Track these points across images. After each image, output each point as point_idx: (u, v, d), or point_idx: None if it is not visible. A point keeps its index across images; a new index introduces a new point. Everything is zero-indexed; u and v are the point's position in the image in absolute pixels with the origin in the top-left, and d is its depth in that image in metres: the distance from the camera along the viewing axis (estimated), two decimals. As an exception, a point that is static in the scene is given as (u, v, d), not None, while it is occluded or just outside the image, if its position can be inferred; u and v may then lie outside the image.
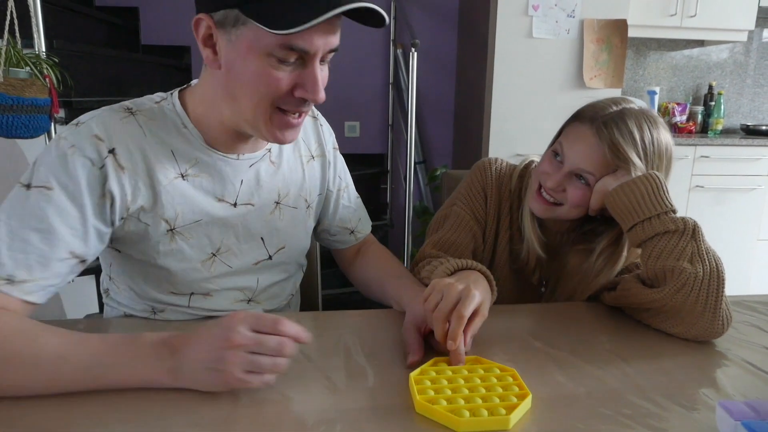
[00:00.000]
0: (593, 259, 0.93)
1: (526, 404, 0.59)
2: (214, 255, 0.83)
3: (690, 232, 0.78)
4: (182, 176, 0.78)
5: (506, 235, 1.03)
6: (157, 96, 0.81)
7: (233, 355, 0.57)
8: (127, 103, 0.78)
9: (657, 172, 0.84)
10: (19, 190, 0.69)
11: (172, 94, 0.81)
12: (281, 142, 0.76)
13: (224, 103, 0.75)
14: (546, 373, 0.67)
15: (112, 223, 0.75)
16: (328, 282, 1.13)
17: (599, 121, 0.87)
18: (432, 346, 0.72)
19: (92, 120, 0.73)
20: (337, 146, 1.02)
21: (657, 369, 0.69)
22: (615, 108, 0.89)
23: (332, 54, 0.72)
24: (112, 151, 0.72)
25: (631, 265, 0.93)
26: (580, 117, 0.91)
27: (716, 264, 0.77)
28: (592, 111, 0.89)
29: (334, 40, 0.70)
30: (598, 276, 0.92)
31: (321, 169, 0.97)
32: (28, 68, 1.45)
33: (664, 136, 0.89)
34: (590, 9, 2.48)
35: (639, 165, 0.85)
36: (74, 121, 0.74)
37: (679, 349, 0.76)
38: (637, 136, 0.86)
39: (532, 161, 1.05)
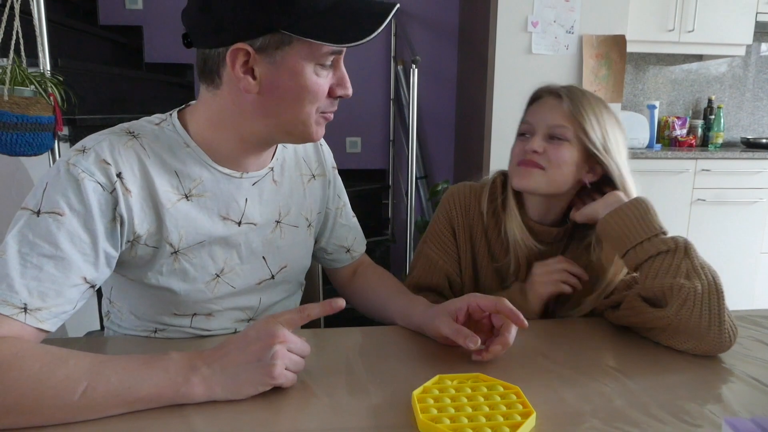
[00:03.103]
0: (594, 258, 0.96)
1: (530, 422, 0.58)
2: (218, 276, 0.83)
3: (682, 250, 0.80)
4: (186, 197, 0.78)
5: (485, 258, 1.04)
6: (156, 118, 0.81)
7: (281, 349, 0.63)
8: (126, 125, 0.78)
9: (644, 198, 0.87)
10: (28, 216, 0.68)
11: (171, 114, 0.81)
12: (316, 139, 0.79)
13: (254, 121, 0.76)
14: (550, 390, 0.67)
15: (120, 247, 0.75)
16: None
17: (555, 90, 0.98)
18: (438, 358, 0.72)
19: (98, 145, 0.73)
20: (335, 166, 1.02)
21: (661, 385, 0.68)
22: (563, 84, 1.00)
23: None
24: (119, 175, 0.72)
25: (631, 280, 0.93)
26: (536, 96, 1.01)
27: (713, 277, 0.78)
28: (546, 88, 1.00)
29: None
30: (606, 275, 0.95)
31: (321, 189, 0.97)
32: (32, 87, 1.46)
33: (608, 111, 0.98)
34: (589, 25, 2.51)
35: (594, 121, 0.93)
36: (79, 146, 0.73)
37: (683, 365, 0.75)
38: (587, 95, 0.97)
39: (500, 173, 1.06)
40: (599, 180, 0.97)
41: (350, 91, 0.77)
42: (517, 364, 0.74)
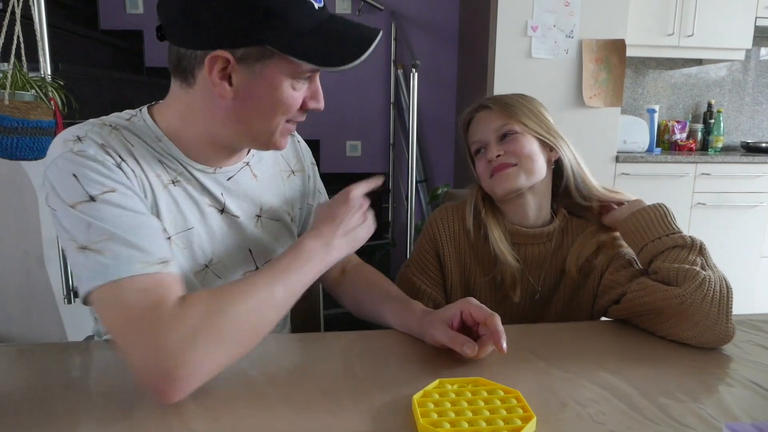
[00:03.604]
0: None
1: (531, 427, 0.58)
2: (206, 267, 0.83)
3: (698, 248, 0.85)
4: (173, 182, 0.79)
5: (477, 273, 1.04)
6: (126, 113, 0.81)
7: (362, 211, 0.83)
8: (99, 120, 0.77)
9: (664, 204, 0.91)
10: (87, 206, 0.65)
11: (140, 110, 0.81)
12: (281, 148, 0.81)
13: (224, 126, 0.76)
14: (551, 394, 0.67)
15: None
16: (330, 302, 1.12)
17: (480, 104, 1.03)
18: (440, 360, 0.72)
19: (89, 133, 0.72)
20: (314, 162, 1.04)
21: (662, 390, 0.68)
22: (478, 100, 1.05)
23: None
24: (120, 157, 0.73)
25: (631, 275, 0.93)
26: (468, 119, 1.05)
27: (724, 277, 0.81)
28: (471, 108, 1.05)
29: None
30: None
31: (301, 184, 0.99)
32: (33, 91, 1.47)
33: (527, 96, 1.05)
34: (588, 29, 2.51)
35: (526, 111, 1.00)
36: (71, 137, 0.71)
37: (684, 369, 0.75)
38: (508, 95, 1.03)
39: (477, 186, 1.06)
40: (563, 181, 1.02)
41: (322, 105, 0.79)
42: (517, 368, 0.74)
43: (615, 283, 0.94)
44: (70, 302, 1.51)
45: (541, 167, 0.98)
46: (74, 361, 0.74)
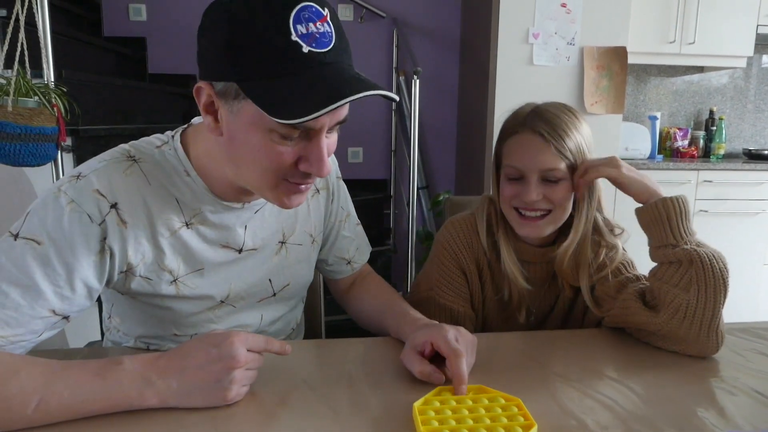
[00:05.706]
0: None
1: (532, 435, 0.58)
2: (222, 302, 0.83)
3: (687, 264, 0.83)
4: (186, 225, 0.77)
5: (490, 290, 1.02)
6: (157, 140, 0.78)
7: (240, 373, 0.63)
8: (127, 147, 0.75)
9: (683, 199, 0.88)
10: (5, 238, 0.66)
11: (173, 137, 0.78)
12: (287, 207, 0.73)
13: (227, 166, 0.72)
14: (552, 402, 0.66)
15: (110, 279, 0.73)
16: (332, 308, 1.12)
17: (534, 126, 0.90)
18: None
19: (93, 174, 0.70)
20: (340, 175, 1.00)
21: (665, 398, 0.68)
22: (531, 108, 0.94)
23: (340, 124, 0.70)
24: (114, 206, 0.70)
25: (620, 285, 0.92)
26: (512, 131, 0.93)
27: (714, 290, 0.79)
28: (522, 121, 0.92)
29: (342, 114, 0.67)
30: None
31: (325, 202, 0.95)
32: (36, 98, 1.47)
33: (580, 122, 0.94)
34: (590, 37, 2.52)
35: (575, 150, 0.90)
36: (75, 173, 0.71)
37: (686, 377, 0.75)
38: (561, 117, 0.91)
39: (489, 200, 1.02)
40: None
41: (323, 172, 0.67)
42: (518, 376, 0.74)
43: (606, 295, 0.92)
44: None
45: (568, 212, 0.94)
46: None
